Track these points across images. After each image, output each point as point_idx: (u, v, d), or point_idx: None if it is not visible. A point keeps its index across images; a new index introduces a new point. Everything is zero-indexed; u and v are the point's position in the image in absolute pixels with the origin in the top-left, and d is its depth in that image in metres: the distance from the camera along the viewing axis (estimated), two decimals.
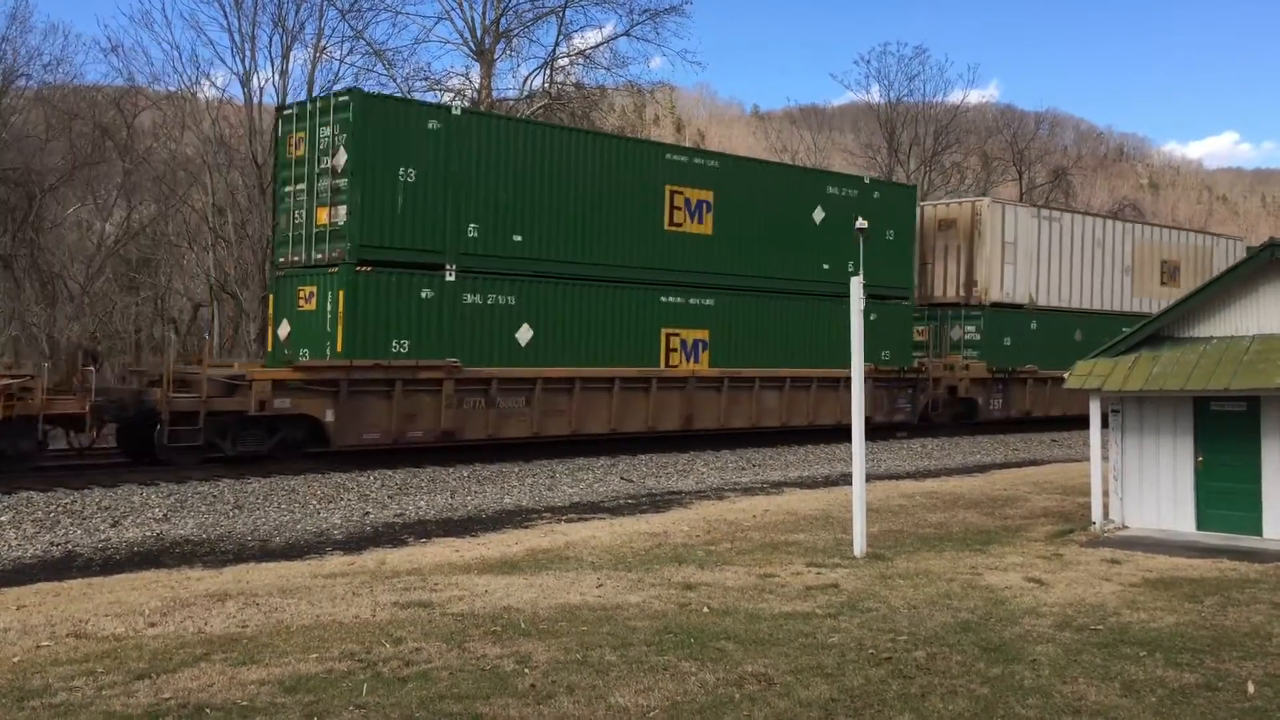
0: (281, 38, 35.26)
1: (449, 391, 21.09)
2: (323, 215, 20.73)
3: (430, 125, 21.00)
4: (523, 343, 22.32)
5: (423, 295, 20.86)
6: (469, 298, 21.50)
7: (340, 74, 37.09)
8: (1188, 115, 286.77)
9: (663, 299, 24.71)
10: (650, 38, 49.69)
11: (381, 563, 12.59)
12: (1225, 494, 14.46)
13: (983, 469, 24.91)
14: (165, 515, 15.64)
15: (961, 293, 33.46)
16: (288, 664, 7.98)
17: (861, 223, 31.41)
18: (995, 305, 33.03)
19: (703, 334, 25.49)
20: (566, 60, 40.83)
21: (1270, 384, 13.49)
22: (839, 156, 65.52)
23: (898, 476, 22.81)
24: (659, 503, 18.42)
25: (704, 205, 25.56)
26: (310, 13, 36.15)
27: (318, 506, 16.85)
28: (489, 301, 21.79)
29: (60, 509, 15.55)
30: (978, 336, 33.09)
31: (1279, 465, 14.01)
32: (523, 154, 22.38)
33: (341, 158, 20.39)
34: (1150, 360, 14.83)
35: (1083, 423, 34.01)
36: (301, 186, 21.22)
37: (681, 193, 25.13)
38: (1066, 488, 20.33)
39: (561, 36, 40.94)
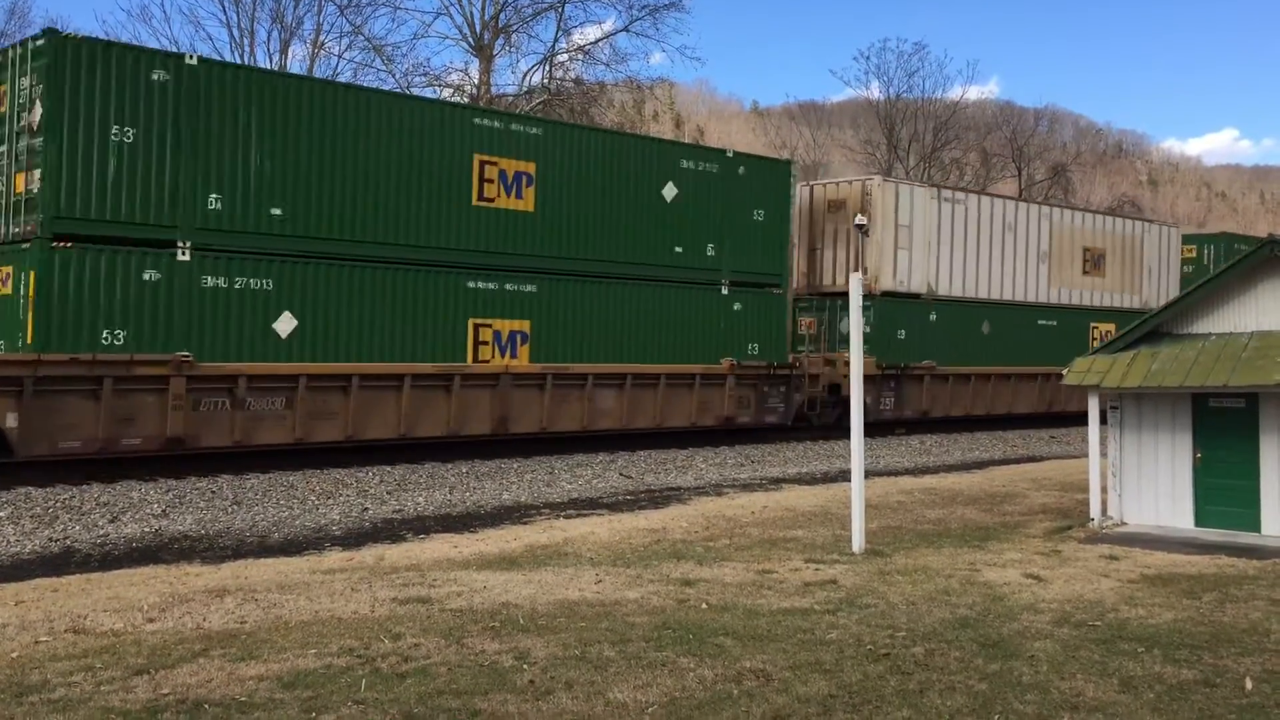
0: (280, 33, 35.29)
1: (178, 391, 17.85)
2: (20, 182, 17.78)
3: (155, 77, 17.93)
4: (283, 334, 19.10)
5: (145, 277, 17.81)
6: (209, 280, 18.38)
7: (339, 69, 37.12)
8: (1187, 112, 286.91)
9: (470, 284, 21.48)
10: (650, 33, 49.73)
11: (380, 558, 12.59)
12: (1223, 490, 14.48)
13: (981, 465, 24.93)
14: (164, 511, 15.64)
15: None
16: (286, 660, 7.98)
17: (860, 219, 31.16)
18: (887, 295, 29.92)
19: (522, 325, 22.23)
20: (566, 56, 40.86)
21: (1269, 381, 13.50)
22: (838, 153, 65.59)
23: (896, 473, 22.83)
24: (658, 499, 18.43)
25: (524, 178, 22.23)
26: (309, 8, 36.20)
27: (316, 502, 16.86)
28: (237, 285, 18.59)
29: (59, 504, 15.56)
30: (867, 329, 29.10)
31: (1277, 462, 14.03)
32: (286, 114, 19.23)
33: (37, 113, 17.40)
34: (1149, 357, 14.84)
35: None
36: (1, 149, 18.21)
37: (495, 163, 21.79)
38: (1065, 484, 20.36)
39: (561, 32, 41.08)
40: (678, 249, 24.87)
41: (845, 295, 28.50)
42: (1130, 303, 36.97)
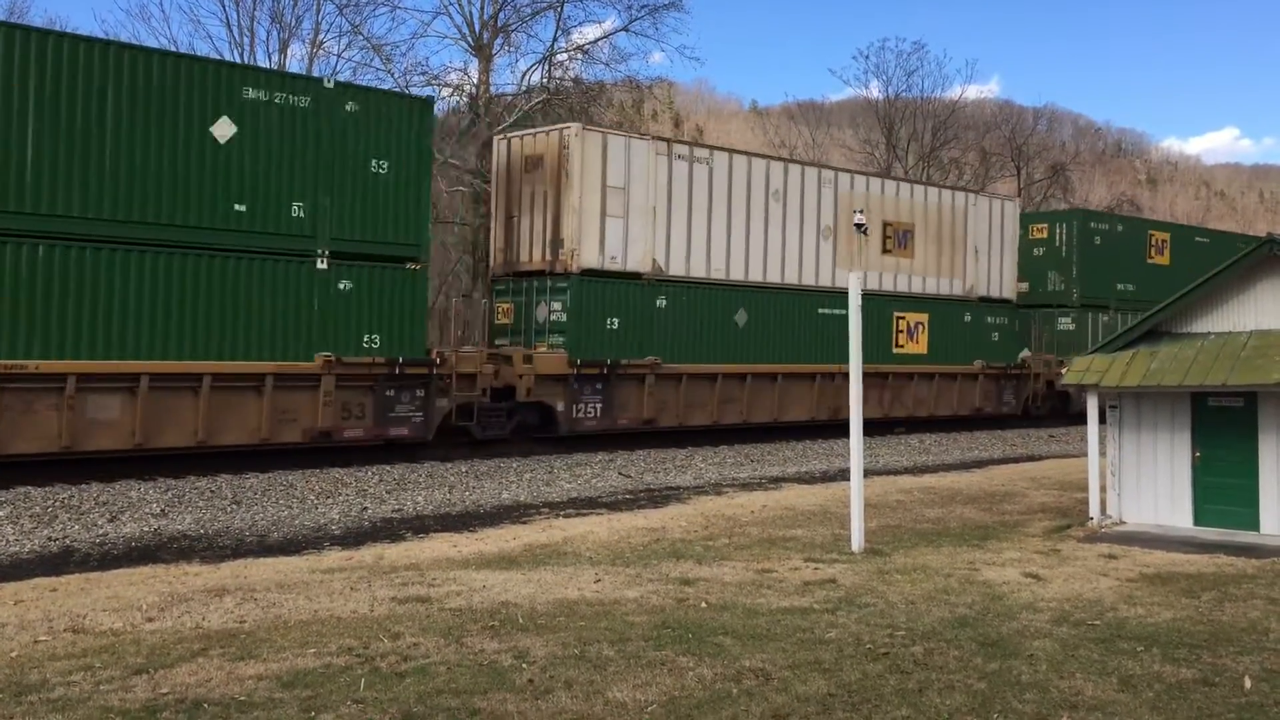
0: (279, 33, 35.24)
1: None
2: None
3: None
4: None
5: None
6: None
7: (337, 69, 37.11)
8: (1188, 111, 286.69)
9: None
10: (649, 33, 49.55)
11: (379, 558, 12.59)
12: (1222, 489, 14.48)
13: (980, 464, 24.93)
14: (163, 510, 15.64)
15: (547, 256, 24.16)
16: (285, 659, 7.98)
17: (860, 217, 30.29)
18: (590, 274, 23.82)
19: None
20: (565, 55, 40.83)
21: (1267, 380, 13.51)
22: (837, 152, 65.56)
23: (895, 472, 22.83)
24: (657, 498, 18.43)
25: None
26: (308, 7, 36.16)
27: (315, 502, 16.86)
28: None
29: (58, 504, 15.56)
30: (562, 316, 23.76)
31: (1276, 461, 14.03)
32: None
33: None
34: (1148, 356, 14.84)
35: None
36: None
37: None
38: (1064, 483, 20.36)
39: (560, 32, 41.04)
40: (238, 207, 18.76)
41: (543, 274, 24.35)
42: (951, 289, 31.89)
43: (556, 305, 23.93)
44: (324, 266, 19.78)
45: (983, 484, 20.56)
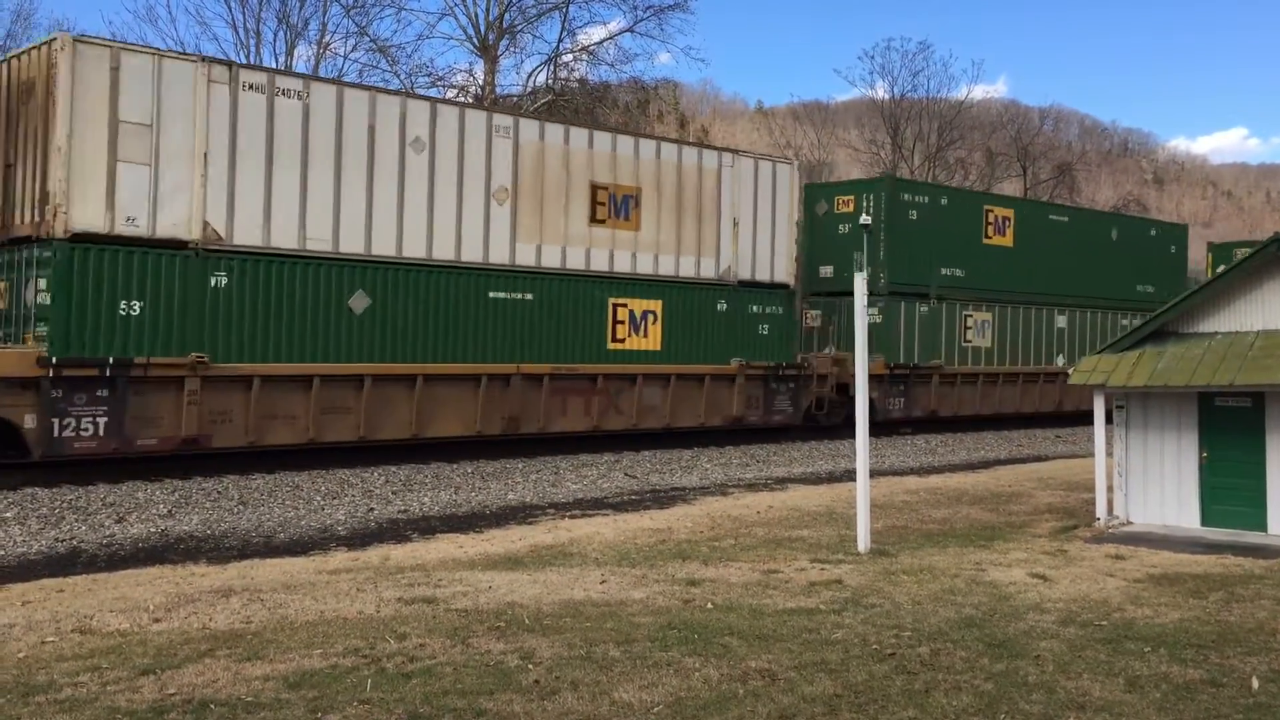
0: (286, 34, 35.32)
1: None
2: None
3: None
4: None
5: None
6: None
7: (344, 70, 37.19)
8: (1197, 110, 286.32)
9: None
10: (655, 34, 49.68)
11: (385, 558, 12.61)
12: (1229, 490, 14.45)
13: (987, 465, 24.90)
14: (170, 511, 15.67)
15: (36, 217, 17.84)
16: (292, 660, 7.99)
17: (865, 218, 30.29)
18: (89, 239, 17.45)
19: None
20: (570, 56, 40.87)
21: (1275, 379, 13.47)
22: (842, 152, 65.54)
23: (901, 473, 22.81)
24: (663, 499, 18.43)
25: None
26: (315, 9, 36.21)
27: (322, 503, 16.89)
28: None
29: (65, 505, 15.59)
30: (49, 300, 17.33)
31: None
32: None
33: None
34: (1155, 356, 14.82)
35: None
36: None
37: None
38: (1070, 484, 20.33)
39: (565, 33, 41.07)
40: None
41: (32, 241, 17.88)
42: (698, 269, 25.52)
43: (43, 283, 17.61)
44: None
45: (989, 484, 20.53)
